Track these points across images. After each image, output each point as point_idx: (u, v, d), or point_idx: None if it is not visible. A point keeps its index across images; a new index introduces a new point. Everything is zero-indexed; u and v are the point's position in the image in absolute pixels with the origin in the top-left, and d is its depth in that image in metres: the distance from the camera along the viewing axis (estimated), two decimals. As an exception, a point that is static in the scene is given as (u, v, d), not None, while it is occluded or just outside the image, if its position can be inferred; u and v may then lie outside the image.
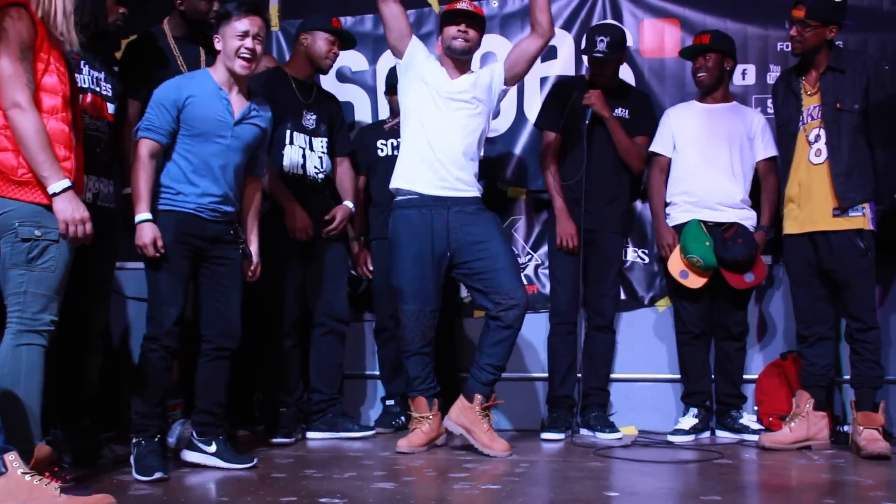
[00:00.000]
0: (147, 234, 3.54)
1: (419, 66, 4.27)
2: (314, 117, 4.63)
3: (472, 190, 4.26)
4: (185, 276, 3.68)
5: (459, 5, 4.27)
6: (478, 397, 4.12)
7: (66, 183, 3.00)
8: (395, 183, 4.30)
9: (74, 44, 3.14)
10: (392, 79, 4.97)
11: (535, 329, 5.04)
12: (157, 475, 3.45)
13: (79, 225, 3.01)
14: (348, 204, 4.69)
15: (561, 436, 4.58)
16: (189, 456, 3.78)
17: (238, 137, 3.74)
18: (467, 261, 4.18)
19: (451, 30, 4.25)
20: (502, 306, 4.06)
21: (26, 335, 2.99)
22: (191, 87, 3.68)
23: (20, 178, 2.97)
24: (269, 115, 3.92)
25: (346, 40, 4.76)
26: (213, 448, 3.74)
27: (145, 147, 3.61)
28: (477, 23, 4.28)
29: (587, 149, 4.68)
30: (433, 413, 4.20)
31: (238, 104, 3.75)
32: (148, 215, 3.57)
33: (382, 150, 4.97)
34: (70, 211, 2.99)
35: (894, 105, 4.21)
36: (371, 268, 4.95)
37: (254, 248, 3.94)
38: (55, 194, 2.98)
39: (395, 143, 4.89)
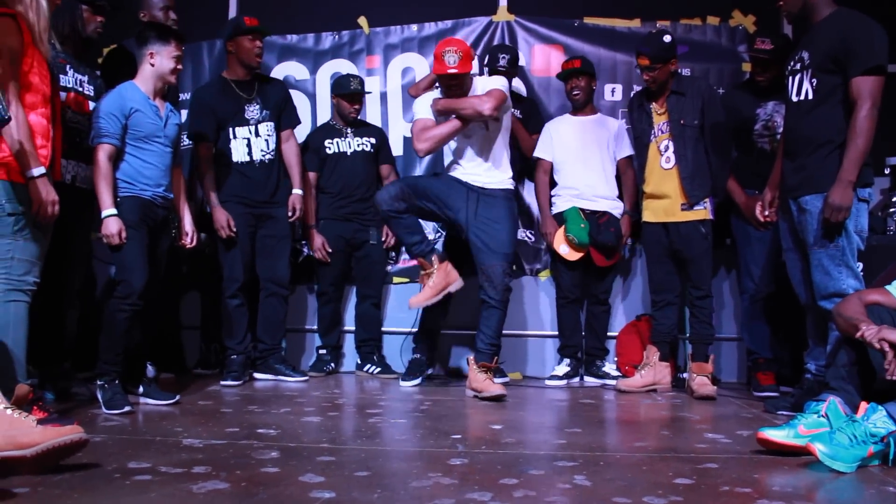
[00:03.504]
0: (113, 226, 3.51)
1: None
2: (257, 107, 4.55)
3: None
4: (146, 248, 3.63)
5: (447, 59, 3.96)
6: (470, 358, 4.15)
7: (42, 170, 2.95)
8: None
9: (47, 53, 3.06)
10: (338, 83, 4.97)
11: (541, 293, 5.15)
12: (126, 408, 3.44)
13: (49, 206, 2.96)
14: (297, 192, 4.63)
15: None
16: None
17: (168, 136, 3.73)
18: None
19: (444, 90, 4.11)
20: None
21: (13, 293, 2.95)
22: (131, 98, 3.63)
23: (1, 160, 2.90)
24: (179, 113, 3.91)
25: (262, 31, 4.57)
26: (140, 390, 3.73)
27: (104, 151, 3.56)
28: (462, 78, 4.04)
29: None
30: (436, 266, 4.05)
31: (161, 109, 3.72)
32: (113, 210, 3.53)
33: (329, 149, 4.92)
34: (44, 193, 2.94)
35: (723, 121, 4.30)
36: (329, 250, 4.88)
37: (187, 221, 3.93)
38: (32, 178, 2.93)
39: (339, 142, 4.91)
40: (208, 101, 4.52)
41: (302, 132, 5.01)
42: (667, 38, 4.23)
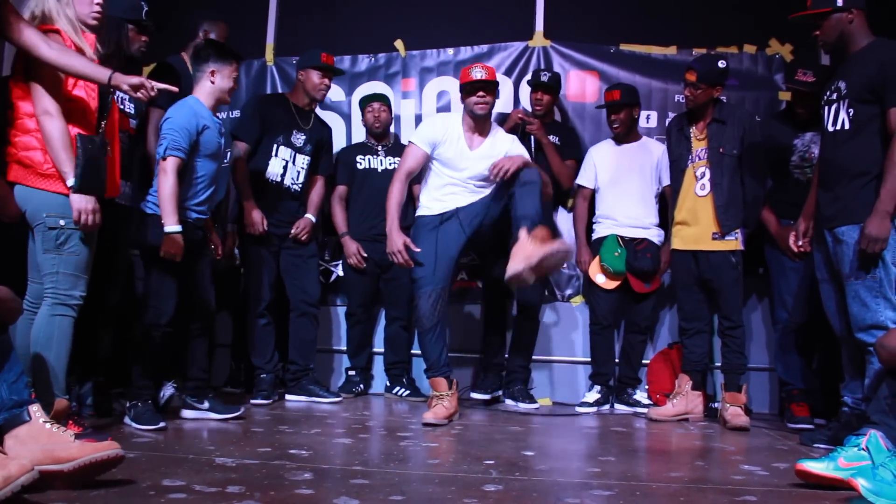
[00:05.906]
0: (178, 244, 3.49)
1: (440, 149, 4.19)
2: (304, 138, 4.60)
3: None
4: (181, 273, 3.64)
5: (474, 73, 4.11)
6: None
7: None
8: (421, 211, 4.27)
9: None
10: (361, 98, 5.07)
11: (573, 318, 5.14)
12: (161, 424, 3.45)
13: (89, 215, 2.98)
14: (310, 216, 4.64)
15: (487, 396, 4.73)
16: (187, 413, 3.78)
17: (223, 154, 3.78)
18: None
19: (473, 98, 4.11)
20: None
21: (59, 307, 2.98)
22: (201, 115, 3.63)
23: (45, 172, 2.95)
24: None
25: (334, 71, 4.71)
26: (206, 405, 3.75)
27: (174, 164, 3.51)
28: (493, 86, 4.14)
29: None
30: (451, 392, 4.02)
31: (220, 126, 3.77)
32: (178, 227, 3.49)
33: (360, 164, 4.97)
34: (83, 202, 2.96)
35: (761, 149, 4.28)
36: (365, 255, 4.87)
37: (214, 234, 4.05)
38: (72, 188, 2.96)
39: (370, 159, 4.97)
40: (264, 111, 4.60)
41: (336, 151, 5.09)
42: (721, 64, 4.24)
